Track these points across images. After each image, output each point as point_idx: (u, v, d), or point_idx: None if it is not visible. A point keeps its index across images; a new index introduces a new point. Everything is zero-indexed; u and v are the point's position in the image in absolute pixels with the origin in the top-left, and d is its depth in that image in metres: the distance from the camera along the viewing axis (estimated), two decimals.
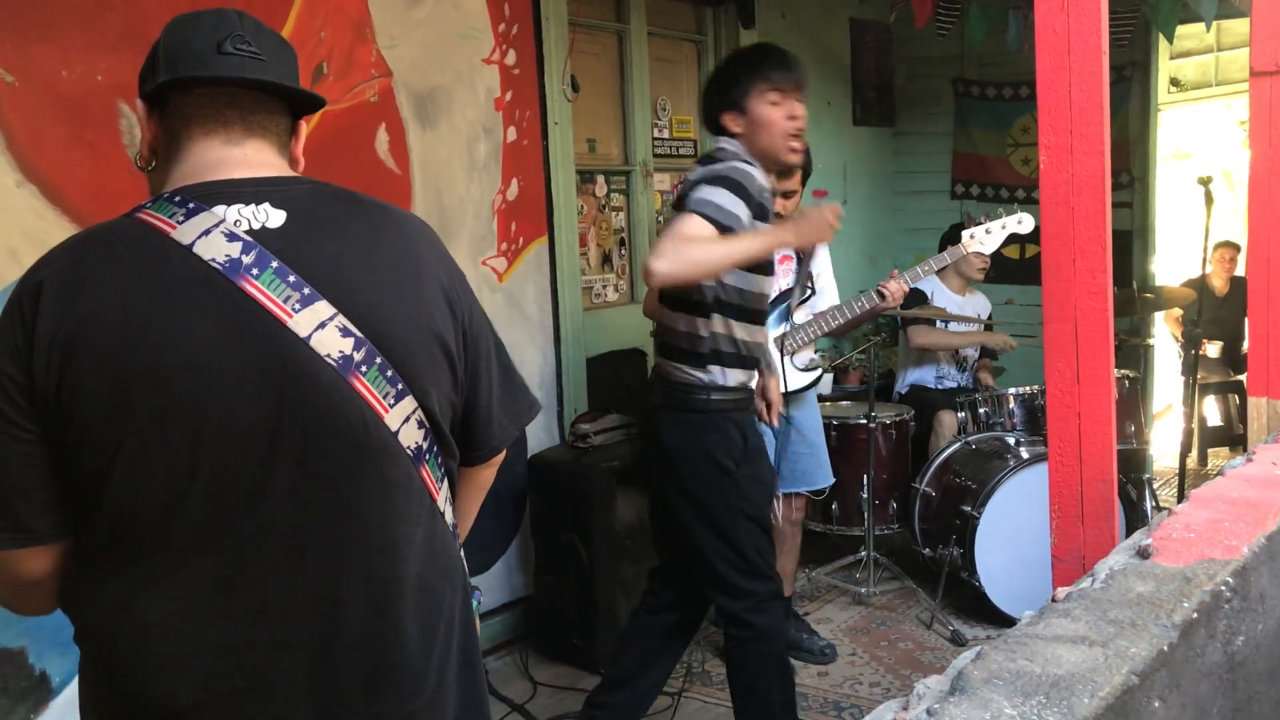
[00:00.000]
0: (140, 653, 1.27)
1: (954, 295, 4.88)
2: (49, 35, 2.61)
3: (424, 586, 1.37)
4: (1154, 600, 0.98)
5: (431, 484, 1.39)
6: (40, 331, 1.21)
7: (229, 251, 1.25)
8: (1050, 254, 1.45)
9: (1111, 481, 1.44)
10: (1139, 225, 5.79)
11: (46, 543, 1.28)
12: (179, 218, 1.26)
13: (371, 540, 1.32)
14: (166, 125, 1.34)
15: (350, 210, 1.38)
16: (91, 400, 1.21)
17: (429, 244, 1.44)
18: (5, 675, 2.56)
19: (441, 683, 1.40)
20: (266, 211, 1.30)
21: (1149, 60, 5.71)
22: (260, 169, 1.34)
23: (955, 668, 0.86)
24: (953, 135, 6.27)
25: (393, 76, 3.45)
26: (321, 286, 1.28)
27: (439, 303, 1.39)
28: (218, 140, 1.33)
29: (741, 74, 2.62)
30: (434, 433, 1.38)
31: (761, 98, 2.58)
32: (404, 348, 1.32)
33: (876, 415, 4.24)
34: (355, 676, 1.32)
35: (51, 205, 2.62)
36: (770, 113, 2.59)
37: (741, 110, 2.61)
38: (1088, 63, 1.41)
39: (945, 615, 3.99)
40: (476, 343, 1.45)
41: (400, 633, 1.34)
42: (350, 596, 1.31)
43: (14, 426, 1.22)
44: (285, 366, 1.25)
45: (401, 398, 1.32)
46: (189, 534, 1.25)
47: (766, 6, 5.24)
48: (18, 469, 1.24)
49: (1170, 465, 5.07)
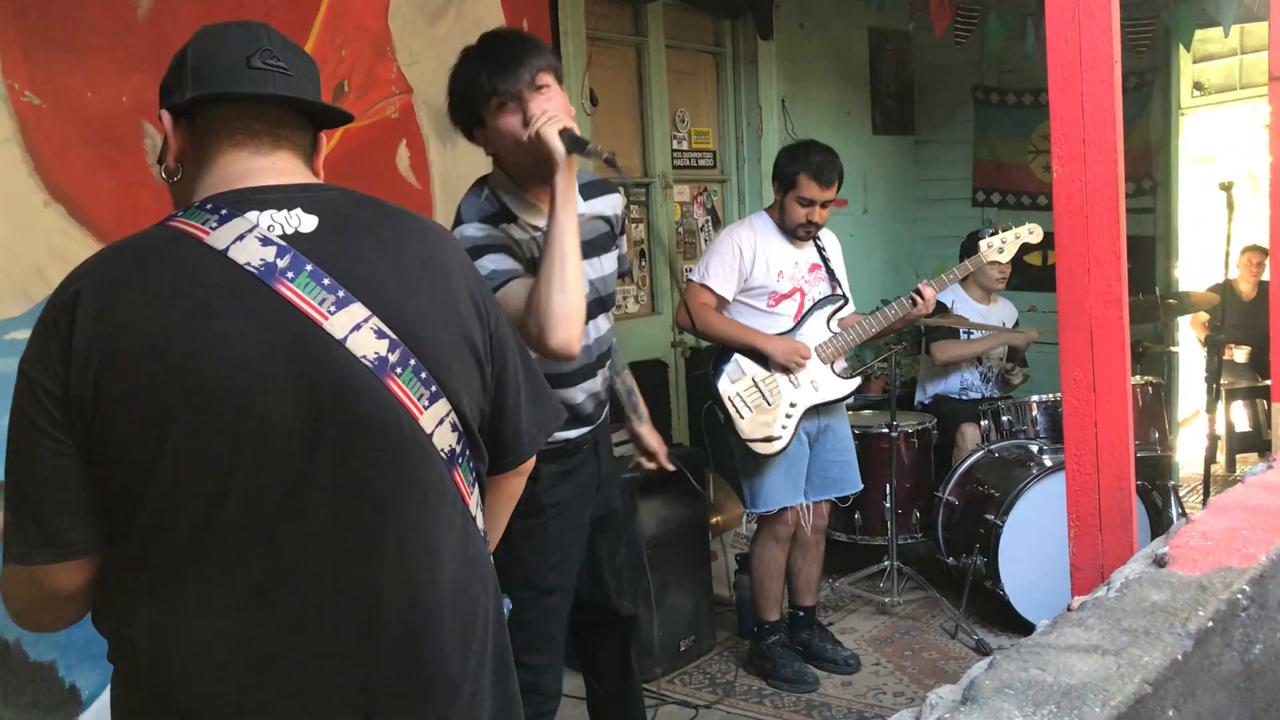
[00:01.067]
0: (178, 666, 1.27)
1: (977, 305, 4.87)
2: (76, 58, 2.66)
3: (460, 590, 1.38)
4: (1169, 609, 0.98)
5: (464, 488, 1.39)
6: (76, 344, 1.21)
7: (264, 256, 1.26)
8: (1065, 263, 1.45)
9: (1129, 490, 1.43)
10: (1162, 231, 5.76)
11: (81, 557, 1.28)
12: (212, 224, 1.27)
13: (409, 544, 1.32)
14: (194, 137, 1.35)
15: (379, 215, 1.39)
16: (130, 408, 1.21)
17: (454, 250, 1.45)
18: (36, 689, 2.59)
19: (478, 687, 1.40)
20: (299, 216, 1.31)
21: (1170, 65, 5.68)
22: (289, 177, 1.35)
23: (968, 677, 0.87)
24: (973, 142, 6.26)
25: (413, 93, 3.49)
26: (355, 289, 1.29)
27: (467, 306, 1.40)
28: (246, 151, 1.34)
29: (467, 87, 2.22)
30: (466, 436, 1.39)
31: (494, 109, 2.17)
32: (436, 350, 1.33)
33: (899, 424, 4.23)
34: (395, 681, 1.32)
35: (78, 224, 2.66)
36: (504, 121, 2.16)
37: (483, 125, 2.21)
38: (1099, 71, 1.41)
39: (969, 624, 3.97)
40: (503, 348, 1.46)
41: (438, 636, 1.34)
42: (389, 601, 1.31)
43: (49, 439, 1.22)
44: (322, 368, 1.26)
45: (435, 400, 1.33)
46: (226, 541, 1.25)
47: (785, 17, 5.25)
48: (53, 483, 1.24)
49: (1198, 472, 5.04)
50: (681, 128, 4.88)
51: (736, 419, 3.48)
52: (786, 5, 5.28)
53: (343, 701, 1.30)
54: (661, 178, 4.71)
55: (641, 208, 4.72)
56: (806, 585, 3.80)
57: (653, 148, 4.70)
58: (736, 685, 3.65)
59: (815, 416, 3.60)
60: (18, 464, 1.26)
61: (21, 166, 2.57)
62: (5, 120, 2.54)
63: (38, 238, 2.59)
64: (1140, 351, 4.72)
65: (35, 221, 2.59)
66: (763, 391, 3.50)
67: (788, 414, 3.52)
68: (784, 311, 3.56)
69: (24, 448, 1.25)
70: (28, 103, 2.57)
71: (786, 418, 3.52)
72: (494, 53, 2.20)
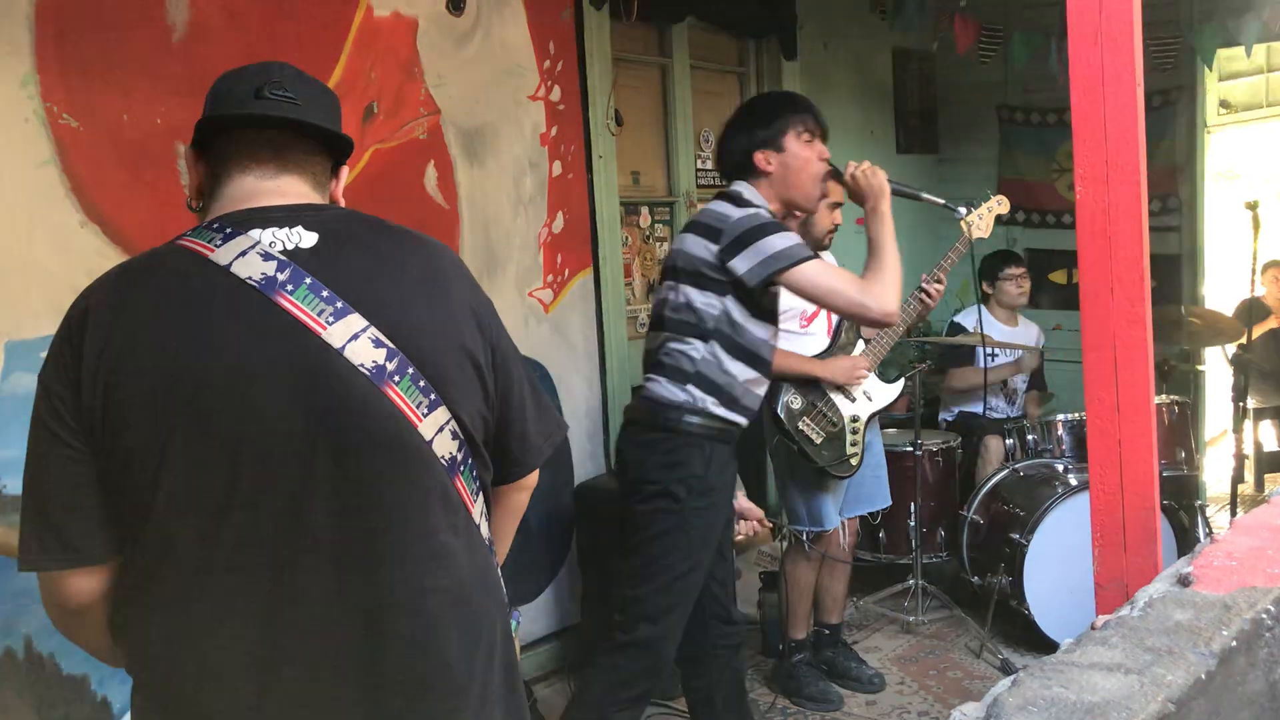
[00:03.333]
0: (190, 674, 1.31)
1: (1002, 326, 4.86)
2: (112, 81, 2.71)
3: (464, 597, 1.41)
4: (1193, 628, 0.98)
5: (466, 496, 1.43)
6: (87, 353, 1.28)
7: (265, 270, 1.32)
8: (1088, 284, 1.46)
9: (1153, 509, 1.44)
10: (1187, 249, 5.73)
11: (94, 563, 1.33)
12: (217, 241, 1.34)
13: (411, 548, 1.36)
14: (210, 167, 1.43)
15: (379, 232, 1.45)
16: (137, 416, 1.27)
17: (455, 267, 1.50)
18: (69, 701, 2.62)
19: (485, 695, 1.42)
20: (300, 234, 1.36)
21: (1194, 84, 5.66)
22: (293, 198, 1.42)
23: (991, 695, 0.88)
24: (998, 161, 6.26)
25: (441, 114, 3.53)
26: (353, 301, 1.34)
27: (466, 319, 1.44)
28: (253, 175, 1.41)
29: (776, 112, 2.67)
30: (468, 445, 1.42)
31: (798, 136, 2.64)
32: (434, 359, 1.38)
33: (923, 442, 4.23)
34: (401, 686, 1.35)
35: (113, 244, 2.71)
36: (806, 150, 2.65)
37: (778, 148, 2.64)
38: (1122, 94, 1.42)
39: (995, 644, 3.96)
40: (506, 362, 1.50)
41: (443, 640, 1.37)
42: (393, 604, 1.34)
43: (63, 445, 1.29)
44: (320, 376, 1.31)
45: (434, 408, 1.37)
46: (234, 547, 1.29)
47: (808, 38, 5.27)
48: (67, 488, 1.30)
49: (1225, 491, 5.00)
50: (706, 147, 4.90)
51: (810, 449, 3.45)
52: (810, 26, 5.30)
53: (353, 703, 1.33)
54: (686, 197, 4.73)
55: (667, 227, 4.74)
56: (833, 603, 3.80)
57: (677, 167, 4.72)
58: (761, 704, 3.64)
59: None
60: (35, 472, 1.32)
61: (59, 188, 2.62)
62: (44, 143, 2.59)
63: (74, 258, 2.64)
64: (1166, 370, 4.69)
65: (72, 242, 2.64)
66: (827, 415, 3.49)
67: (853, 429, 3.53)
68: (816, 330, 3.57)
69: (41, 455, 1.31)
70: (65, 125, 2.62)
71: (853, 433, 3.52)
72: (806, 99, 2.81)
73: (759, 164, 2.65)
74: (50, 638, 2.57)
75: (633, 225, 4.55)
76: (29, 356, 2.54)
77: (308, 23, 3.12)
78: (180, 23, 2.85)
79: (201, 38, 2.88)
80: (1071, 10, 1.45)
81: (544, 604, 3.96)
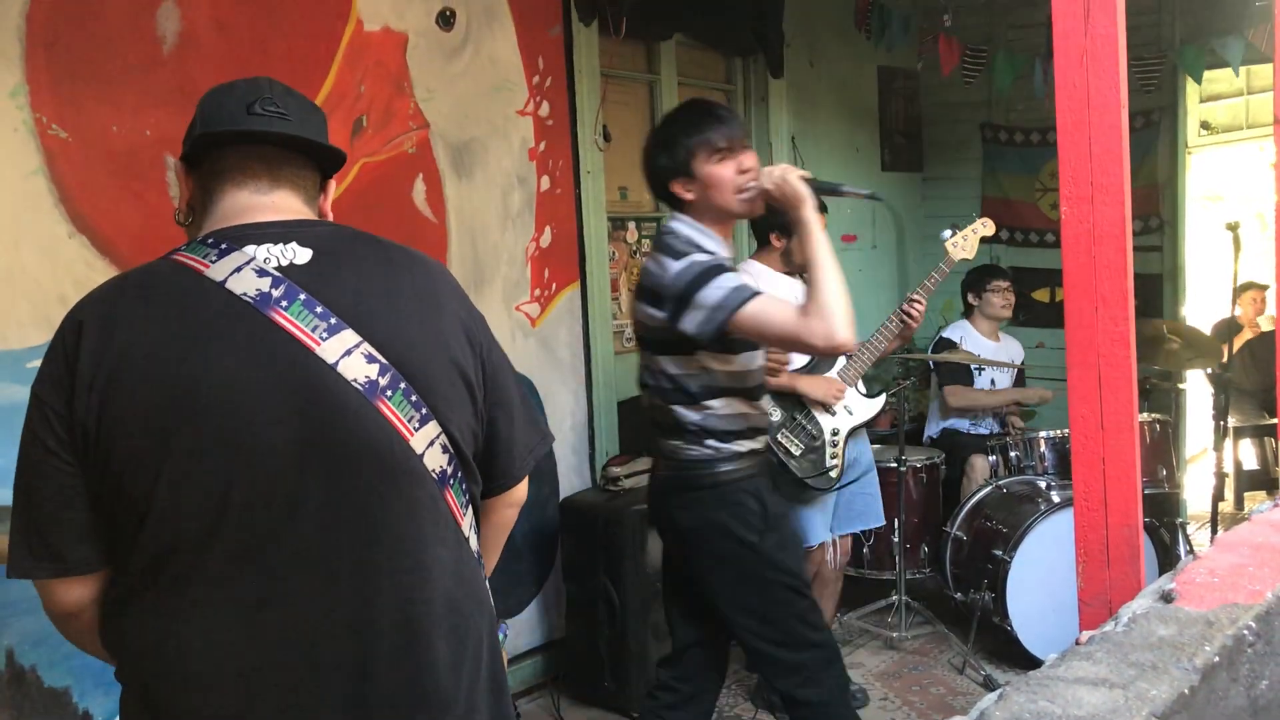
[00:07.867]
0: (181, 679, 1.32)
1: (986, 341, 4.89)
2: (101, 92, 2.71)
3: (453, 608, 1.42)
4: (1176, 643, 0.99)
5: (456, 509, 1.44)
6: (81, 367, 1.28)
7: (259, 286, 1.33)
8: (1073, 302, 1.48)
9: (1136, 526, 1.45)
10: (1169, 269, 5.78)
11: (82, 573, 1.35)
12: (211, 257, 1.35)
13: (400, 561, 1.37)
14: (201, 181, 1.44)
15: (370, 248, 1.46)
16: (131, 430, 1.28)
17: (446, 282, 1.52)
18: (50, 714, 2.60)
19: (472, 706, 1.43)
20: (294, 250, 1.38)
21: (1177, 104, 5.73)
22: (286, 214, 1.43)
23: (977, 709, 0.88)
24: (981, 180, 6.30)
25: (430, 128, 3.54)
26: (347, 317, 1.35)
27: (457, 334, 1.46)
28: (246, 190, 1.42)
29: (678, 139, 2.51)
30: (458, 458, 1.44)
31: (707, 159, 2.47)
32: (425, 374, 1.39)
33: (907, 459, 4.24)
34: (389, 696, 1.36)
35: (101, 255, 2.71)
36: (719, 169, 2.47)
37: (689, 175, 2.50)
38: (1107, 116, 1.44)
39: (977, 660, 3.97)
40: (496, 376, 1.52)
41: (431, 652, 1.38)
42: (382, 616, 1.35)
43: (55, 458, 1.30)
44: (313, 390, 1.32)
45: (426, 422, 1.38)
46: (226, 558, 1.30)
47: (795, 56, 5.31)
48: (57, 500, 1.31)
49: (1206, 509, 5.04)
50: None
51: (789, 461, 3.47)
52: (797, 44, 5.34)
53: (340, 712, 1.34)
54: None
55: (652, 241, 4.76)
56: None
57: None
58: (743, 718, 3.64)
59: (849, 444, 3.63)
60: (26, 482, 1.33)
61: (48, 198, 2.62)
62: (32, 153, 2.59)
63: (62, 268, 2.63)
64: (1148, 388, 4.72)
65: (60, 252, 2.64)
66: (806, 428, 3.51)
67: (833, 443, 3.54)
68: None
69: (31, 466, 1.32)
70: (54, 135, 2.62)
71: (833, 447, 3.53)
72: (709, 112, 2.54)
73: (679, 194, 2.53)
74: (32, 650, 2.55)
75: (620, 240, 4.57)
76: (16, 367, 2.53)
77: (298, 36, 3.13)
78: (170, 34, 2.85)
79: (191, 50, 2.89)
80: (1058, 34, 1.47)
81: (529, 618, 3.96)
